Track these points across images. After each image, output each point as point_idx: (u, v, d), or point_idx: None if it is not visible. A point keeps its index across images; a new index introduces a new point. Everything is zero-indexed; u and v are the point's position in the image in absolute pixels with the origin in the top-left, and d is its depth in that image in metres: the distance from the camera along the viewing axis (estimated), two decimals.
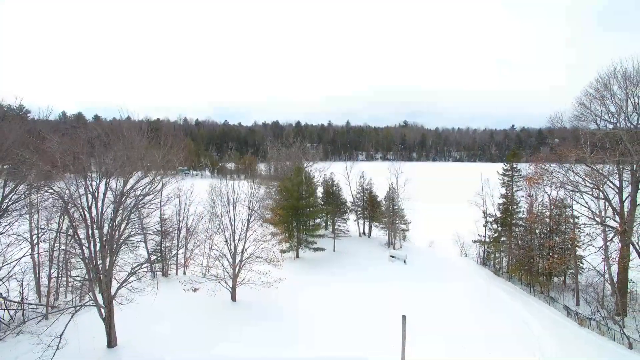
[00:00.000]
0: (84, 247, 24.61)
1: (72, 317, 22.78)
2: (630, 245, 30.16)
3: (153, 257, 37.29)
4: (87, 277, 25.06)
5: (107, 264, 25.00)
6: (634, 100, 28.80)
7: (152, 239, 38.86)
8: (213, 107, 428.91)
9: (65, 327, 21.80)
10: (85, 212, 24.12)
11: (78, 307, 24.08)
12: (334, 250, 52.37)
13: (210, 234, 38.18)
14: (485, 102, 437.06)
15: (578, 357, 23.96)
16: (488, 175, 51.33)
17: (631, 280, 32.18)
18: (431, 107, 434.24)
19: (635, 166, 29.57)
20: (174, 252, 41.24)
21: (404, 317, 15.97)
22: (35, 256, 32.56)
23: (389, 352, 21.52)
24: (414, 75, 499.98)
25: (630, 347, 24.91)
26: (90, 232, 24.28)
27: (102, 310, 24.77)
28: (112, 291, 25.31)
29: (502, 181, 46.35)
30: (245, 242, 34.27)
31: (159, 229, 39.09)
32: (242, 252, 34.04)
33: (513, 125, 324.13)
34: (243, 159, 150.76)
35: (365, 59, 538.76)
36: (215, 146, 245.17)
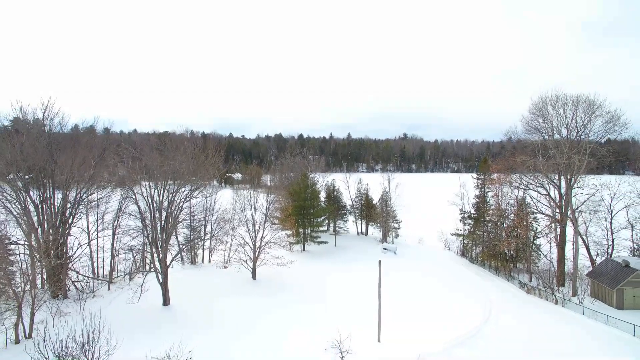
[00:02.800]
0: (148, 228, 33.36)
1: (145, 276, 31.29)
2: (566, 230, 38.74)
3: (189, 240, 46.24)
4: (149, 250, 33.65)
5: (165, 241, 33.71)
6: (564, 118, 37.76)
7: (183, 231, 47.84)
8: (214, 121, 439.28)
9: (143, 281, 30.31)
10: (150, 202, 32.99)
11: (146, 272, 32.52)
12: (335, 245, 60.78)
13: (234, 226, 47.05)
14: (484, 115, 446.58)
15: (514, 303, 32.56)
16: (464, 180, 60.39)
17: (567, 258, 40.48)
18: (430, 120, 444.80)
19: (566, 171, 38.19)
20: (208, 236, 49.86)
21: (379, 261, 24.22)
22: (93, 243, 41.71)
23: (372, 307, 29.96)
24: (415, 89, 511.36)
25: (556, 302, 33.67)
26: (152, 216, 33.11)
27: (160, 276, 33.29)
28: (167, 262, 33.95)
29: (475, 184, 55.08)
30: (263, 231, 42.84)
31: (190, 223, 47.91)
32: (261, 239, 42.57)
33: (511, 138, 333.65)
34: (249, 169, 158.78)
35: (367, 72, 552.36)
36: (221, 158, 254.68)
